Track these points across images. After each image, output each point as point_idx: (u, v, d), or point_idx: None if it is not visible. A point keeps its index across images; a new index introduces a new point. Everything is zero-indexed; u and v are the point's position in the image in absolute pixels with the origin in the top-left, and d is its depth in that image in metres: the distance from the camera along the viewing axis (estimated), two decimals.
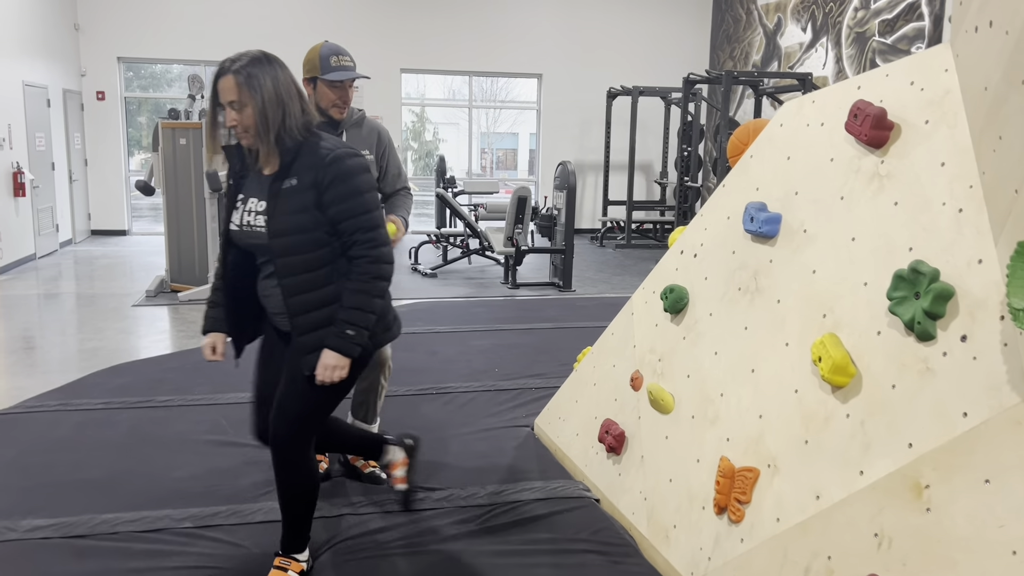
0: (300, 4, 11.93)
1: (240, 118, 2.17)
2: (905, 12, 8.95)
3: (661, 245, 11.66)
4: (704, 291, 2.69)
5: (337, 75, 2.86)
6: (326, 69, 2.87)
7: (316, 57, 2.90)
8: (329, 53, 2.90)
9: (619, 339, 3.14)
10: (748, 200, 2.58)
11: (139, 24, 11.50)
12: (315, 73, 2.90)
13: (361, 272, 2.21)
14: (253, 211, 2.23)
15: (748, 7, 12.17)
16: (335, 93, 2.90)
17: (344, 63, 2.90)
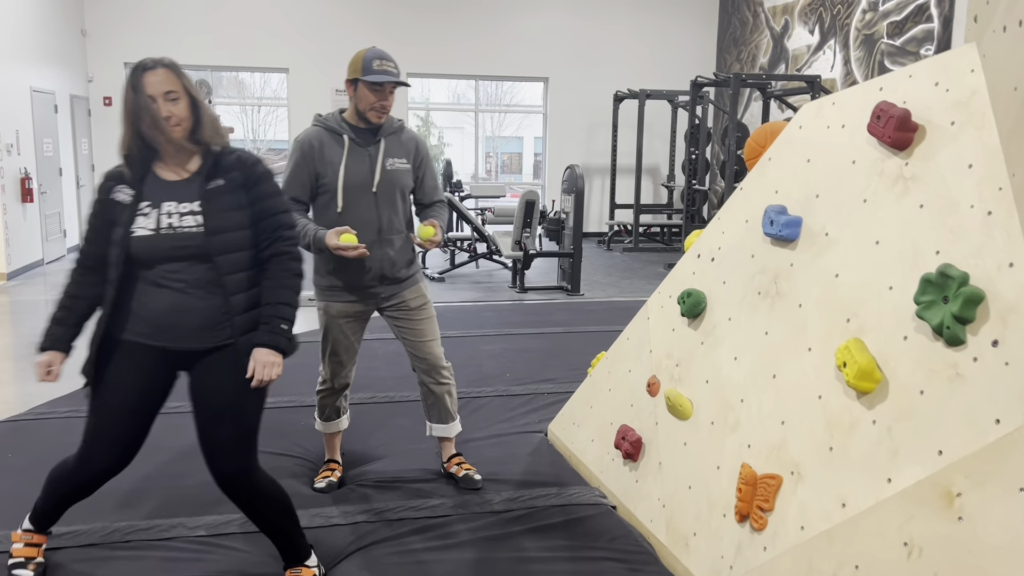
0: (306, 9, 11.95)
1: (176, 110, 2.18)
2: (914, 14, 8.91)
3: (669, 248, 11.62)
4: (722, 295, 2.66)
5: (377, 77, 2.83)
6: (368, 71, 2.85)
7: (360, 59, 2.88)
8: (373, 56, 2.87)
9: (635, 344, 3.11)
10: (767, 203, 2.55)
11: (146, 29, 11.52)
12: (357, 74, 2.87)
13: (285, 268, 2.25)
14: (177, 213, 2.18)
15: (755, 10, 12.15)
16: (375, 96, 2.86)
17: (387, 68, 2.87)
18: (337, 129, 2.93)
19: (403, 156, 3.02)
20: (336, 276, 2.95)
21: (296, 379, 4.48)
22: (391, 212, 2.97)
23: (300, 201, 2.93)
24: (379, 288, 2.99)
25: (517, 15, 12.31)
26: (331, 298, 2.99)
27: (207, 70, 11.99)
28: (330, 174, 2.88)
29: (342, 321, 3.02)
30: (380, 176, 2.93)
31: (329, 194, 2.89)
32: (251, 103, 30.98)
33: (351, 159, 2.90)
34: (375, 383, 4.50)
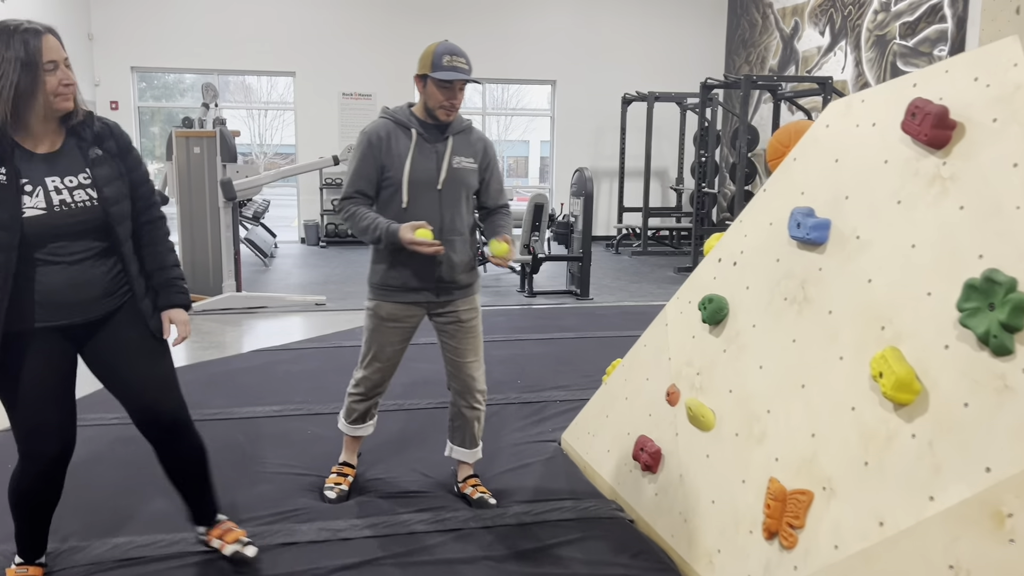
0: (313, 12, 11.89)
1: (74, 77, 2.14)
2: (927, 14, 8.80)
3: (678, 252, 11.51)
4: (746, 301, 2.56)
5: (446, 74, 2.71)
6: (437, 67, 2.72)
7: (430, 54, 2.76)
8: (443, 52, 2.74)
9: (652, 351, 3.01)
10: (792, 205, 2.45)
11: (153, 34, 11.47)
12: (426, 70, 2.75)
13: (165, 232, 2.38)
14: (66, 188, 2.13)
15: (764, 11, 12.04)
16: (443, 94, 2.75)
17: (457, 64, 2.74)
18: (405, 122, 2.82)
19: (470, 156, 2.89)
20: (391, 275, 2.84)
21: (300, 386, 4.40)
22: (454, 212, 2.85)
23: (365, 195, 2.83)
24: (435, 292, 2.88)
25: (523, 18, 12.23)
26: (383, 297, 2.87)
27: (214, 74, 11.94)
28: (396, 168, 2.78)
29: (390, 325, 2.89)
30: (446, 173, 2.82)
31: (393, 188, 2.80)
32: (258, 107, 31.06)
33: (418, 154, 2.79)
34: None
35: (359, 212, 2.79)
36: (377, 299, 2.89)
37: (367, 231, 2.75)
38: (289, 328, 6.50)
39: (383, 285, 2.87)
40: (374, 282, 2.90)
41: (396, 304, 2.87)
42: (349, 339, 5.66)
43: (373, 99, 12.18)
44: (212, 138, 7.36)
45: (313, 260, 10.55)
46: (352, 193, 2.83)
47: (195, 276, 7.58)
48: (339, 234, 12.16)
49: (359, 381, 3.05)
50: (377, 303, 2.90)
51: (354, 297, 7.80)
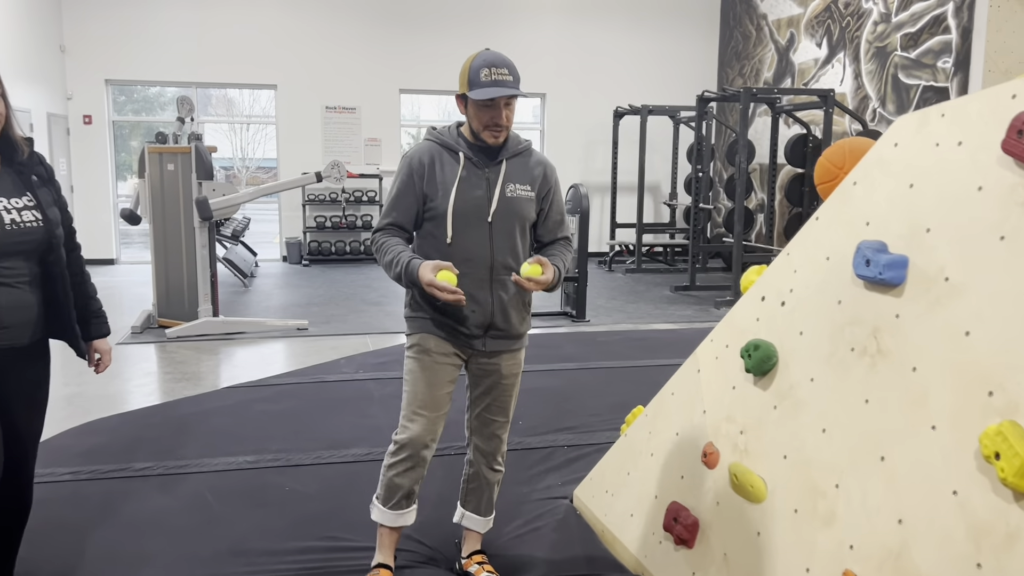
0: (294, 24, 11.51)
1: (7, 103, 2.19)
2: (930, 25, 8.54)
3: (673, 269, 11.17)
4: (800, 349, 2.19)
5: (486, 92, 2.31)
6: (475, 84, 2.34)
7: (467, 70, 2.38)
8: (481, 65, 2.35)
9: (682, 401, 2.63)
10: (856, 237, 2.08)
11: (128, 45, 11.05)
12: (464, 89, 2.38)
13: (83, 263, 2.41)
14: (14, 208, 2.17)
15: (758, 23, 11.78)
16: (486, 114, 2.37)
17: (499, 77, 2.34)
18: (453, 145, 2.46)
19: (526, 182, 2.50)
20: (436, 310, 2.46)
21: (278, 431, 3.97)
22: (508, 247, 2.45)
23: (401, 227, 2.47)
24: (482, 339, 2.48)
25: (512, 30, 11.90)
26: (430, 329, 2.47)
27: (192, 87, 11.53)
28: (440, 197, 2.41)
29: (441, 360, 2.47)
30: (498, 204, 2.44)
31: (437, 220, 2.43)
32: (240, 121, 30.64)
33: (466, 181, 2.43)
34: (370, 434, 4.00)
35: (386, 244, 2.42)
36: (422, 331, 2.48)
37: (390, 266, 2.38)
38: (268, 356, 6.08)
39: (430, 319, 2.47)
40: (417, 316, 2.49)
41: (443, 339, 2.47)
42: (331, 373, 5.25)
43: (357, 113, 11.81)
44: (187, 154, 6.95)
45: (295, 280, 10.13)
46: (385, 225, 2.47)
47: (169, 300, 7.15)
48: (322, 252, 11.75)
49: (403, 444, 2.46)
50: (422, 335, 2.48)
51: (337, 321, 7.40)
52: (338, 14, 11.61)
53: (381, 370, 5.27)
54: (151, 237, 7.18)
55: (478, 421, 2.60)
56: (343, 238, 11.93)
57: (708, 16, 12.63)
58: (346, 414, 4.31)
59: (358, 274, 10.49)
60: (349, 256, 11.88)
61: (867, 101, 9.48)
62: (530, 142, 2.59)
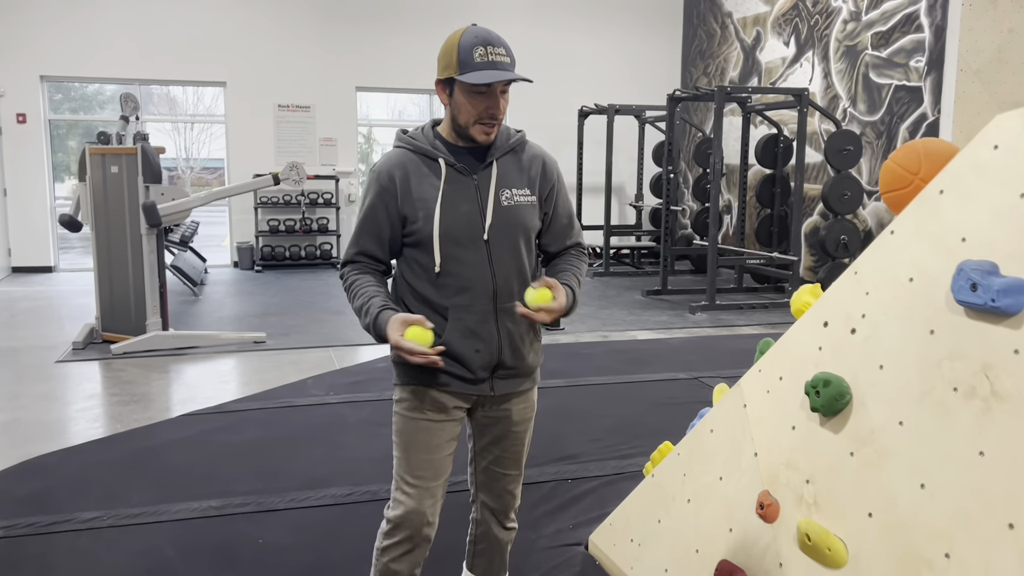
0: (244, 18, 10.97)
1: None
2: (902, 24, 8.42)
3: (641, 272, 10.93)
4: (882, 386, 1.87)
5: (482, 76, 1.87)
6: (467, 65, 1.89)
7: (454, 48, 1.91)
8: (474, 43, 1.90)
9: (725, 440, 2.31)
10: (949, 255, 1.78)
11: (66, 41, 10.39)
12: (451, 71, 1.93)
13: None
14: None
15: (723, 21, 11.61)
16: (479, 103, 1.93)
17: (497, 58, 1.90)
18: (430, 151, 2.01)
19: (524, 185, 2.06)
20: (440, 354, 1.99)
21: (244, 468, 3.50)
22: (513, 268, 2.03)
23: (374, 258, 2.04)
24: (489, 382, 2.06)
25: None
26: (424, 380, 2.03)
27: (134, 83, 10.91)
28: (422, 217, 1.97)
29: (438, 419, 2.05)
30: (493, 217, 2.00)
31: (421, 246, 1.99)
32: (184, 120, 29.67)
33: (451, 195, 1.98)
34: (348, 469, 3.59)
35: (356, 284, 2.01)
36: (414, 381, 2.04)
37: (360, 314, 1.97)
38: (225, 374, 5.62)
39: (422, 367, 1.99)
40: (408, 362, 1.99)
41: (441, 391, 2.05)
42: (298, 395, 4.82)
43: (312, 111, 11.31)
44: (132, 155, 6.44)
45: (248, 287, 9.61)
46: (354, 256, 2.04)
47: (114, 313, 6.62)
48: (276, 257, 11.23)
49: (398, 523, 2.04)
50: (415, 388, 2.05)
51: (297, 332, 6.95)
52: (290, 8, 11.10)
53: (353, 391, 4.86)
54: (93, 245, 6.64)
55: (485, 476, 2.21)
56: (298, 242, 11.43)
57: (671, 14, 12.43)
58: (319, 445, 3.90)
59: (315, 280, 10.01)
60: (304, 261, 11.38)
61: (837, 101, 9.35)
62: (523, 132, 2.15)
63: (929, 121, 8.08)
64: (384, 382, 5.07)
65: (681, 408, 4.44)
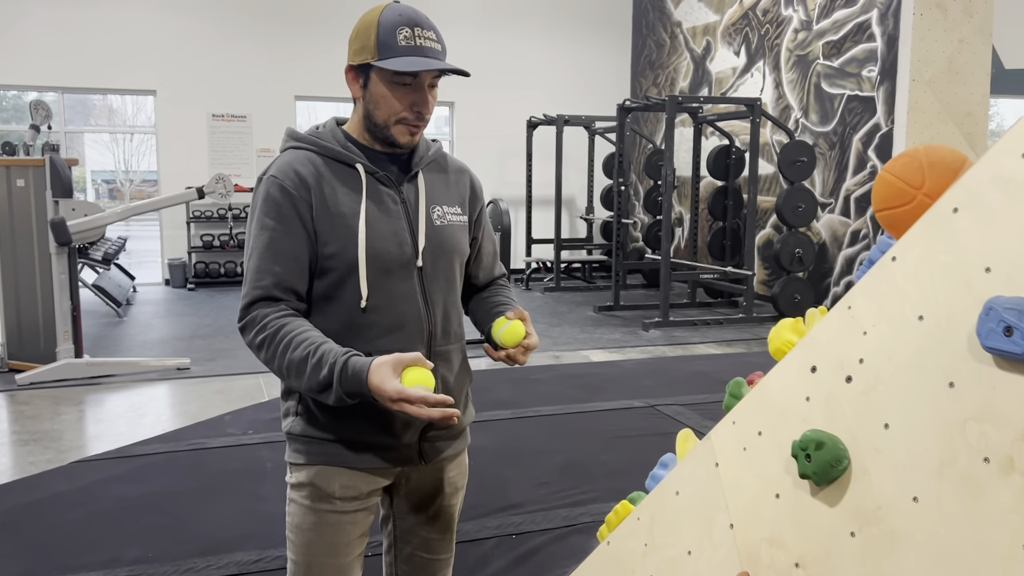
0: (176, 24, 10.41)
1: None
2: (853, 33, 8.27)
3: (593, 287, 10.62)
4: (889, 451, 1.52)
5: (408, 63, 1.49)
6: (388, 50, 1.51)
7: (372, 26, 1.52)
8: (398, 22, 1.51)
9: (694, 506, 1.94)
10: (968, 289, 1.44)
11: None
12: (367, 56, 1.53)
13: None
14: None
15: (673, 31, 11.42)
16: (403, 97, 1.54)
17: (425, 42, 1.52)
18: (343, 154, 1.60)
19: (454, 202, 1.70)
20: (350, 421, 1.58)
21: (138, 527, 2.91)
22: (448, 302, 1.66)
23: (292, 292, 1.54)
24: (416, 447, 1.66)
25: None
26: (333, 460, 1.60)
27: (58, 91, 10.28)
28: (341, 236, 1.54)
29: (349, 510, 1.62)
30: (427, 238, 1.62)
31: (339, 274, 1.55)
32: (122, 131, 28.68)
33: (375, 209, 1.58)
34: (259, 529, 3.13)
35: (283, 331, 1.48)
36: (321, 462, 1.60)
37: (301, 368, 1.45)
38: (142, 406, 5.12)
39: (335, 439, 1.59)
40: (314, 434, 1.60)
41: (358, 472, 1.62)
42: (212, 435, 4.34)
43: (248, 121, 10.80)
44: (40, 167, 5.90)
45: (179, 307, 9.05)
46: (262, 294, 1.52)
47: (21, 338, 6.05)
48: (210, 274, 10.66)
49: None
50: (321, 470, 1.60)
51: (225, 357, 6.46)
52: (226, 13, 10.58)
53: (275, 428, 4.40)
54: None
55: (410, 565, 1.79)
56: (233, 258, 10.88)
57: (621, 24, 12.21)
58: (230, 497, 3.43)
59: None
60: (239, 277, 10.83)
61: (789, 111, 9.17)
62: (439, 142, 1.78)
63: (883, 132, 7.92)
64: None
65: (637, 442, 4.08)
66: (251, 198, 1.61)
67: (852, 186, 8.33)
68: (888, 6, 7.81)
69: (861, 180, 8.21)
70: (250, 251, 1.55)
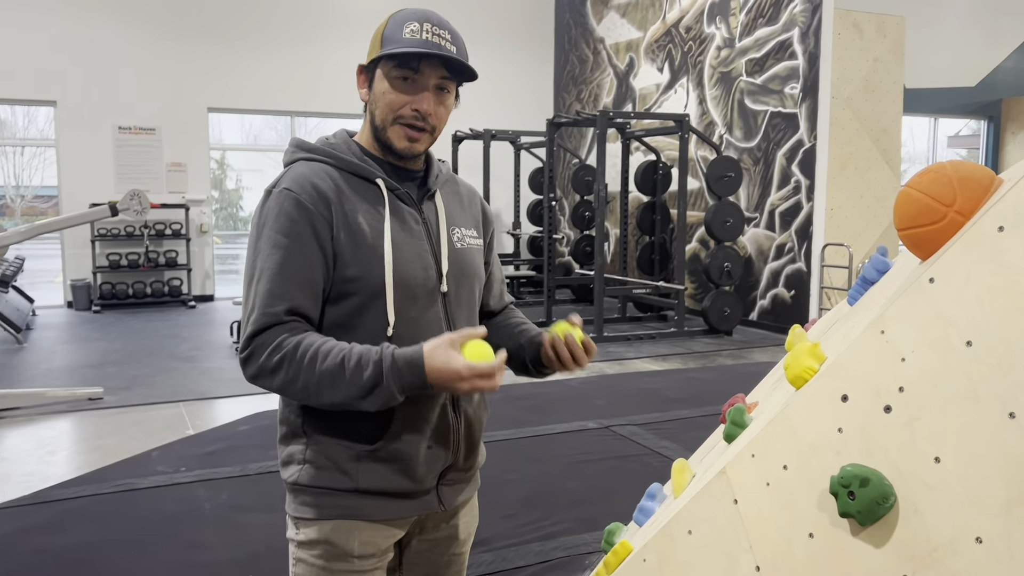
0: (78, 32, 9.84)
1: None
2: (775, 51, 8.46)
3: (521, 303, 10.50)
4: (943, 488, 1.42)
5: (413, 47, 1.37)
6: (392, 42, 1.39)
7: (383, 25, 1.42)
8: (408, 17, 1.40)
9: (711, 546, 1.80)
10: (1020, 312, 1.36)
11: None
12: (373, 53, 1.42)
13: None
14: None
15: (595, 47, 11.48)
16: (403, 93, 1.40)
17: (434, 37, 1.39)
18: (362, 168, 1.45)
19: (470, 224, 1.58)
20: (368, 466, 1.41)
21: None
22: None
23: (307, 319, 1.38)
24: (434, 492, 1.50)
25: (342, 47, 10.86)
26: (350, 513, 1.42)
27: None
28: (364, 258, 1.39)
29: (365, 566, 1.44)
30: (450, 262, 1.49)
31: (360, 298, 1.39)
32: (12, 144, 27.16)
33: (399, 230, 1.44)
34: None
35: (302, 347, 1.31)
36: (332, 516, 1.43)
37: (340, 378, 1.29)
38: (50, 442, 4.70)
39: (346, 485, 1.41)
40: (322, 479, 1.42)
41: (376, 525, 1.45)
42: (140, 474, 3.98)
43: (158, 134, 10.28)
44: None
45: (84, 331, 8.48)
46: (272, 321, 1.34)
47: None
48: (117, 295, 10.06)
49: None
50: (334, 526, 1.42)
51: (141, 384, 6.04)
52: (132, 20, 10.06)
53: (210, 464, 4.08)
54: None
55: None
56: (142, 278, 10.30)
57: (543, 40, 12.21)
58: (166, 545, 3.12)
59: (162, 321, 8.97)
60: (150, 299, 10.27)
61: (713, 127, 9.30)
62: (447, 163, 1.67)
63: (806, 147, 8.10)
64: (248, 451, 4.31)
65: (598, 467, 3.95)
66: (256, 213, 1.45)
67: (776, 200, 8.49)
68: (809, 25, 8.01)
69: (786, 195, 8.37)
70: (258, 272, 1.37)
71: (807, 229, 8.09)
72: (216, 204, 21.37)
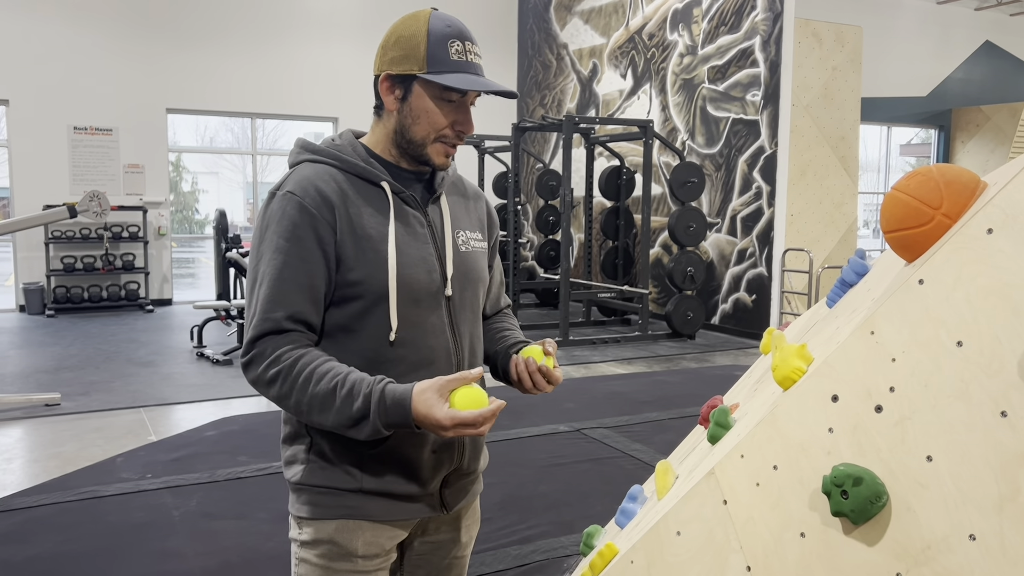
0: (31, 29, 9.60)
1: None
2: (737, 58, 8.57)
3: None
4: (936, 486, 1.45)
5: (466, 81, 1.37)
6: (440, 63, 1.37)
7: (421, 35, 1.37)
8: (448, 34, 1.37)
9: (700, 547, 1.81)
10: (1010, 314, 1.39)
11: None
12: (414, 67, 1.38)
13: None
14: None
15: (559, 52, 11.53)
16: (449, 114, 1.41)
17: (474, 58, 1.40)
18: (367, 171, 1.43)
19: (476, 228, 1.57)
20: (373, 468, 1.41)
21: None
22: (474, 335, 1.53)
23: (308, 326, 1.36)
24: (437, 495, 1.50)
25: (301, 49, 10.76)
26: (354, 513, 1.41)
27: None
28: (368, 262, 1.38)
29: (368, 567, 1.43)
30: (455, 267, 1.48)
31: (363, 302, 1.38)
32: None
33: (404, 234, 1.43)
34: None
35: (299, 364, 1.31)
36: (335, 516, 1.42)
37: (330, 404, 1.29)
38: (9, 450, 4.56)
39: (350, 486, 1.41)
40: (325, 478, 1.41)
41: (379, 525, 1.44)
42: (104, 481, 3.89)
43: (115, 135, 10.06)
44: None
45: (38, 336, 8.26)
46: (273, 327, 1.34)
47: None
48: (72, 299, 9.82)
49: None
50: (338, 525, 1.42)
51: (99, 390, 5.90)
52: (88, 18, 9.84)
53: (177, 471, 3.99)
54: None
55: None
56: (98, 282, 10.07)
57: (506, 45, 12.23)
58: (135, 554, 3.04)
59: (120, 325, 8.77)
60: (106, 303, 10.04)
61: (676, 133, 9.40)
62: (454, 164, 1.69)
63: (767, 154, 8.22)
64: (216, 457, 4.23)
65: (571, 470, 3.95)
66: (259, 216, 1.42)
67: (738, 206, 8.60)
68: (770, 33, 8.14)
69: (747, 200, 8.49)
70: (260, 277, 1.36)
71: (768, 234, 8.21)
72: (171, 207, 21.05)
